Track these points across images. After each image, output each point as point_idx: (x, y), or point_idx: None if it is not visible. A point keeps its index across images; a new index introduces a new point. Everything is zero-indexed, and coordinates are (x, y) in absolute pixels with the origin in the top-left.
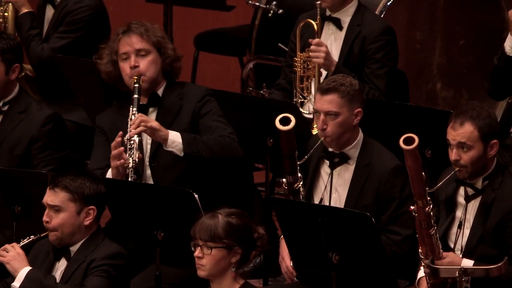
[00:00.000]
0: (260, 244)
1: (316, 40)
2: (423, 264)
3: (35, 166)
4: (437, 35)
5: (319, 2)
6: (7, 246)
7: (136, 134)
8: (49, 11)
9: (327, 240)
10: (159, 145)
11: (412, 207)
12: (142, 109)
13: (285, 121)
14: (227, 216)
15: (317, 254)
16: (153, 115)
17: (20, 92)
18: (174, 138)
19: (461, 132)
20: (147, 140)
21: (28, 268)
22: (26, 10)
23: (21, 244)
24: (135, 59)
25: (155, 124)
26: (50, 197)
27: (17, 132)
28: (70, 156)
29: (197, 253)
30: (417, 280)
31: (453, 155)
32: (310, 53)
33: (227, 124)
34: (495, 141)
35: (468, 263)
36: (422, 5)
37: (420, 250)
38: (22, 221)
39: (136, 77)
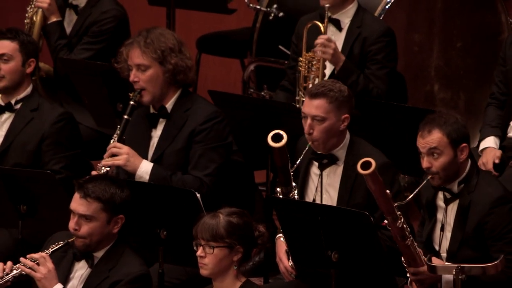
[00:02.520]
0: (261, 242)
1: (326, 36)
2: (408, 272)
3: (46, 163)
4: (435, 37)
5: (327, 5)
6: (37, 256)
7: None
8: (70, 16)
9: (326, 238)
10: (165, 149)
11: (385, 222)
12: (152, 119)
13: (277, 137)
14: (228, 215)
15: (316, 252)
16: (161, 125)
17: (33, 91)
18: (142, 174)
19: (429, 139)
20: (152, 149)
21: (60, 286)
22: (55, 19)
23: (50, 251)
24: (135, 73)
25: (121, 162)
26: (82, 207)
27: (29, 129)
28: (81, 156)
29: (199, 252)
30: (409, 281)
31: (424, 163)
32: (318, 49)
33: (212, 160)
34: (464, 145)
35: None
36: (420, 8)
37: (402, 259)
38: (27, 220)
39: (133, 93)
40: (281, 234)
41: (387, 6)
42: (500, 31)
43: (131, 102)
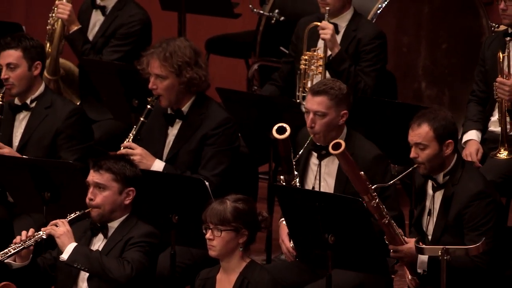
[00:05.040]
0: (264, 225)
1: (324, 22)
2: (390, 249)
3: (61, 156)
4: (422, 39)
5: (328, 8)
6: (57, 221)
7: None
8: (96, 16)
9: (323, 223)
10: (179, 150)
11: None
12: (169, 118)
13: (281, 130)
14: (234, 201)
15: (314, 235)
16: (177, 126)
17: (46, 89)
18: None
19: (417, 132)
20: (168, 146)
21: (75, 243)
22: (76, 28)
23: (68, 219)
24: (154, 81)
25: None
26: (96, 177)
27: (44, 125)
28: (93, 147)
29: (208, 235)
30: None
31: (412, 153)
32: (319, 31)
33: (221, 162)
34: (450, 141)
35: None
36: (409, 12)
37: (385, 237)
38: (51, 206)
39: (151, 98)
40: (283, 219)
41: (378, 11)
42: (481, 33)
43: (148, 106)
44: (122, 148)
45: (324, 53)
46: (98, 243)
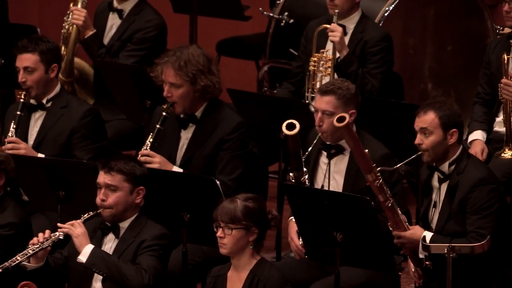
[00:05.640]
0: (274, 223)
1: (333, 24)
2: (393, 235)
3: (75, 155)
4: (428, 41)
5: (337, 10)
6: (74, 222)
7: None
8: (113, 19)
9: (332, 221)
10: (194, 153)
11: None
12: (182, 123)
13: (291, 126)
14: (244, 200)
15: (323, 233)
16: (191, 130)
17: (62, 90)
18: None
19: (423, 118)
20: (181, 150)
21: (92, 246)
22: (91, 33)
23: (83, 219)
24: (168, 89)
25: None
26: (108, 178)
27: (60, 124)
28: (107, 147)
29: (219, 233)
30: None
31: (416, 139)
32: (328, 33)
33: (237, 166)
34: (454, 130)
35: (427, 234)
36: (415, 15)
37: (388, 223)
38: (65, 204)
39: (166, 105)
40: (292, 217)
41: (385, 14)
42: (486, 35)
43: (164, 113)
44: (140, 156)
45: (332, 55)
46: (110, 243)
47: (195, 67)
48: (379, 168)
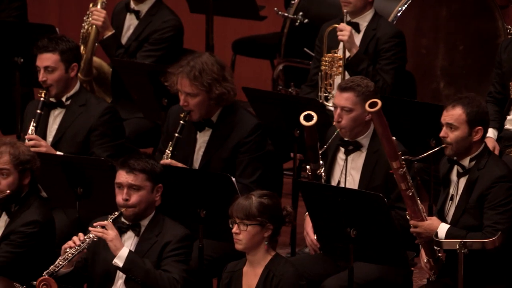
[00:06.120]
0: (288, 220)
1: (342, 24)
2: (411, 224)
3: (94, 152)
4: (440, 41)
5: (347, 10)
6: (105, 223)
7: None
8: (130, 20)
9: (345, 217)
10: (212, 156)
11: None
12: (198, 126)
13: (308, 118)
14: (259, 197)
15: (337, 229)
16: (207, 133)
17: (81, 88)
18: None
19: (451, 113)
20: (198, 153)
21: (127, 249)
22: (109, 33)
23: (111, 220)
24: (184, 98)
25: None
26: (131, 178)
27: (79, 122)
28: (125, 145)
29: (234, 229)
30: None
31: (442, 132)
32: (337, 33)
33: (257, 168)
34: (480, 127)
35: (444, 226)
36: (428, 15)
37: (407, 212)
38: (83, 201)
39: (183, 114)
40: None
41: (398, 14)
42: (497, 35)
43: (181, 122)
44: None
45: (343, 54)
46: (129, 241)
47: (210, 76)
48: (403, 157)
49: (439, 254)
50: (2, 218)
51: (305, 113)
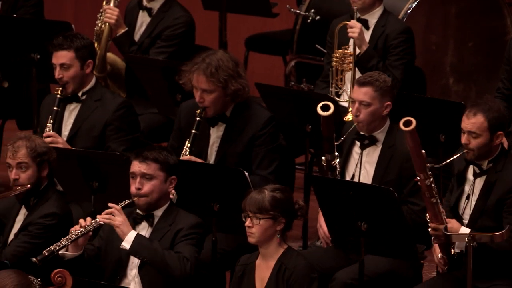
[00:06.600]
0: (300, 214)
1: (353, 21)
2: (429, 226)
3: (109, 146)
4: (449, 38)
5: (355, 8)
6: (113, 210)
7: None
8: (143, 17)
9: (357, 211)
10: (226, 151)
11: (417, 178)
12: (211, 121)
13: (325, 108)
14: (272, 191)
15: (348, 222)
16: (220, 128)
17: (96, 83)
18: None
19: (473, 121)
20: (212, 148)
21: (134, 232)
22: (123, 31)
23: (120, 207)
24: (200, 95)
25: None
26: (143, 167)
27: (94, 117)
28: (139, 140)
29: (247, 223)
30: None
31: (463, 139)
32: (347, 30)
33: (273, 159)
34: (500, 132)
35: (465, 230)
36: (437, 12)
37: (427, 214)
38: (98, 195)
39: (200, 110)
40: None
41: (408, 11)
42: (505, 32)
43: (198, 118)
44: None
45: (353, 50)
46: (143, 231)
47: (226, 73)
48: (429, 165)
49: (457, 251)
50: (21, 211)
51: (322, 103)
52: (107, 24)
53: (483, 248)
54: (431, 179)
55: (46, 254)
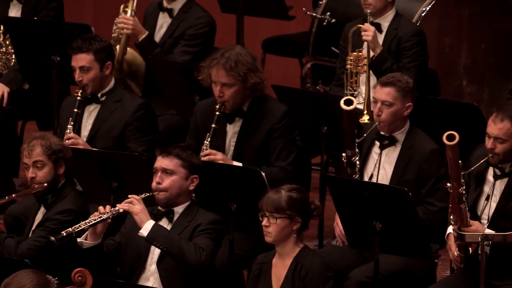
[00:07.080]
0: (316, 213)
1: (366, 24)
2: (452, 227)
3: (129, 147)
4: (463, 40)
5: (368, 11)
6: (132, 199)
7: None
8: (163, 18)
9: (372, 211)
10: (242, 147)
11: (448, 184)
12: (228, 117)
13: (348, 102)
14: (288, 191)
15: (363, 222)
16: (237, 124)
17: (115, 85)
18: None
19: (499, 127)
20: (229, 143)
21: (153, 221)
22: (144, 36)
23: (141, 197)
24: (220, 89)
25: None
26: (165, 162)
27: (113, 118)
28: (159, 140)
29: (264, 222)
30: (446, 235)
31: (489, 144)
32: (361, 33)
33: (291, 151)
34: None
35: (489, 232)
36: (451, 15)
37: (451, 217)
38: (117, 195)
39: (219, 105)
40: None
41: (422, 14)
42: None
43: (217, 113)
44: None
45: (367, 53)
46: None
47: (245, 67)
48: (462, 173)
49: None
50: (40, 210)
51: (345, 98)
52: (124, 35)
53: (498, 247)
54: (464, 187)
55: (64, 234)
